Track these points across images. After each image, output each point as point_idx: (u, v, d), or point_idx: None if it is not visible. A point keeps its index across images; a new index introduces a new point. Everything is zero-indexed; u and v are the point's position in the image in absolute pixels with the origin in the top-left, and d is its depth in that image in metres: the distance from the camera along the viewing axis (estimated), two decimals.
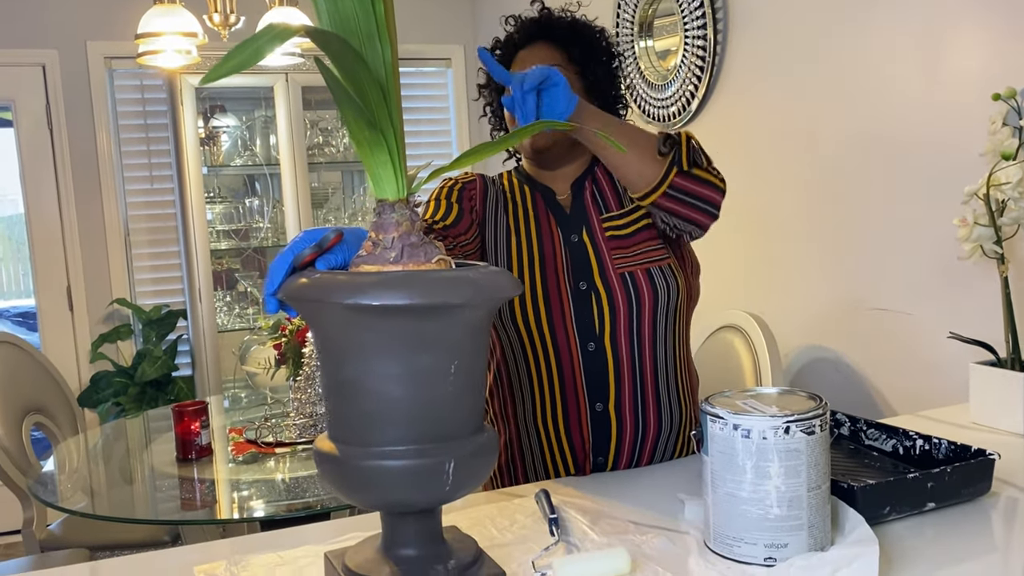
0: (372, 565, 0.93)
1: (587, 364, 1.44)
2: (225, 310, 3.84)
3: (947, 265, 1.93)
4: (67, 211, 3.75)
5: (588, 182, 1.53)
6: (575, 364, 1.44)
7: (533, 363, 1.47)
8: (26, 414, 2.57)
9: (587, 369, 1.44)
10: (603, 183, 1.53)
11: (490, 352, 1.52)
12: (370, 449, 0.89)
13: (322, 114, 3.93)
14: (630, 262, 1.45)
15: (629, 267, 1.44)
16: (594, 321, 1.44)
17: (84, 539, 2.43)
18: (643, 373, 1.45)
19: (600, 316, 1.44)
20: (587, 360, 1.44)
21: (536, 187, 1.55)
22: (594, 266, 1.45)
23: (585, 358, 1.44)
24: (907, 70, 2.02)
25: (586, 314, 1.44)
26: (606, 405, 1.45)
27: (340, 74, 0.81)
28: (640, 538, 1.12)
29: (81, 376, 3.79)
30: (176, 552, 1.22)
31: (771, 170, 2.48)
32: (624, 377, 1.45)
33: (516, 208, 1.53)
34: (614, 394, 1.45)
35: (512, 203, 1.54)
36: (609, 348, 1.44)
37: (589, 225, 1.49)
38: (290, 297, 0.90)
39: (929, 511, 1.15)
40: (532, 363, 1.47)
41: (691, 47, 2.68)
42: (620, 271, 1.44)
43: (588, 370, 1.44)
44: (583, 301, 1.44)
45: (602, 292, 1.44)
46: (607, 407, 1.45)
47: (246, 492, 1.99)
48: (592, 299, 1.44)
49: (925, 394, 2.00)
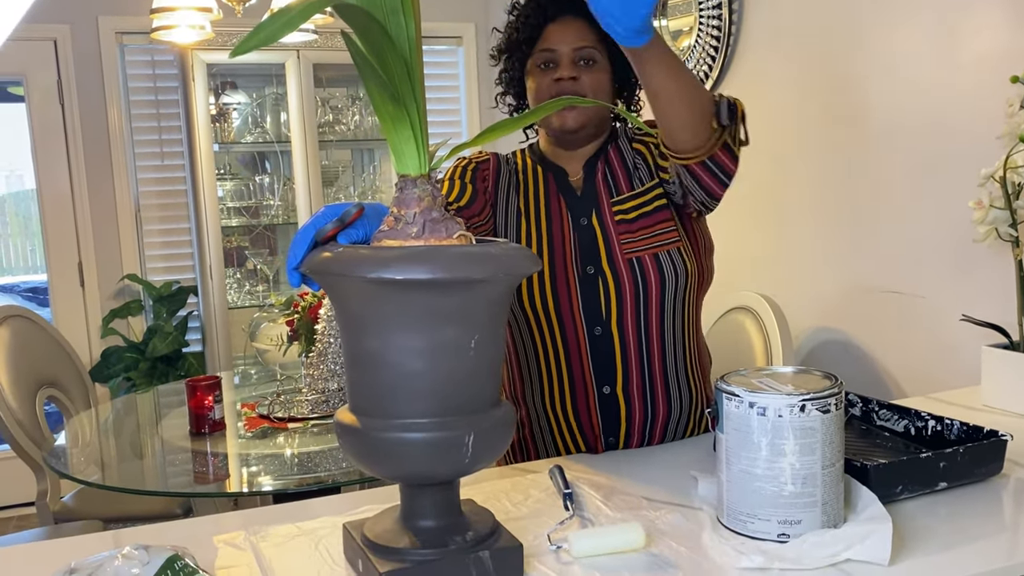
0: (391, 536, 0.95)
1: (594, 348, 1.44)
2: (235, 287, 3.85)
3: (961, 248, 1.93)
4: (78, 187, 3.76)
5: (601, 162, 1.50)
6: (582, 348, 1.44)
7: (540, 346, 1.47)
8: (39, 387, 2.59)
9: (594, 353, 1.44)
10: (615, 164, 1.50)
11: (507, 329, 1.52)
12: (391, 421, 0.90)
13: (333, 92, 3.92)
14: (638, 247, 1.43)
15: (637, 252, 1.43)
16: (600, 305, 1.43)
17: (97, 511, 2.46)
18: (651, 357, 1.45)
19: (607, 301, 1.43)
20: (594, 344, 1.44)
21: (549, 168, 1.53)
22: (602, 250, 1.44)
23: (592, 342, 1.44)
24: (924, 52, 2.01)
25: (593, 298, 1.43)
26: (614, 388, 1.44)
27: (365, 48, 0.81)
28: (654, 514, 1.13)
29: (92, 351, 3.82)
30: (194, 522, 1.24)
31: (785, 152, 2.47)
32: (631, 361, 1.44)
33: (527, 190, 1.52)
34: (621, 378, 1.44)
35: (524, 184, 1.53)
36: (616, 332, 1.43)
37: (599, 208, 1.47)
38: (313, 271, 0.91)
39: (941, 491, 1.16)
40: (539, 346, 1.47)
41: (705, 27, 2.67)
42: (628, 256, 1.42)
43: (595, 354, 1.44)
44: (590, 285, 1.43)
45: (609, 277, 1.42)
46: (615, 390, 1.44)
47: (258, 466, 2.01)
48: (599, 283, 1.43)
49: (936, 377, 2.00)
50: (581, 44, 1.44)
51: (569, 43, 1.43)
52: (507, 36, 1.51)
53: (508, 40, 1.50)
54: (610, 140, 1.53)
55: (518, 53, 1.49)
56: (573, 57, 1.44)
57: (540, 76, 1.46)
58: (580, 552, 1.00)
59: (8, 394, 2.40)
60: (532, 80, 1.48)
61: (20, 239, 6.94)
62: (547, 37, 1.46)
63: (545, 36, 1.46)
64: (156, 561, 0.81)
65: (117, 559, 0.82)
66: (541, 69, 1.46)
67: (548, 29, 1.46)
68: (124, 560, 0.82)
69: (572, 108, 1.43)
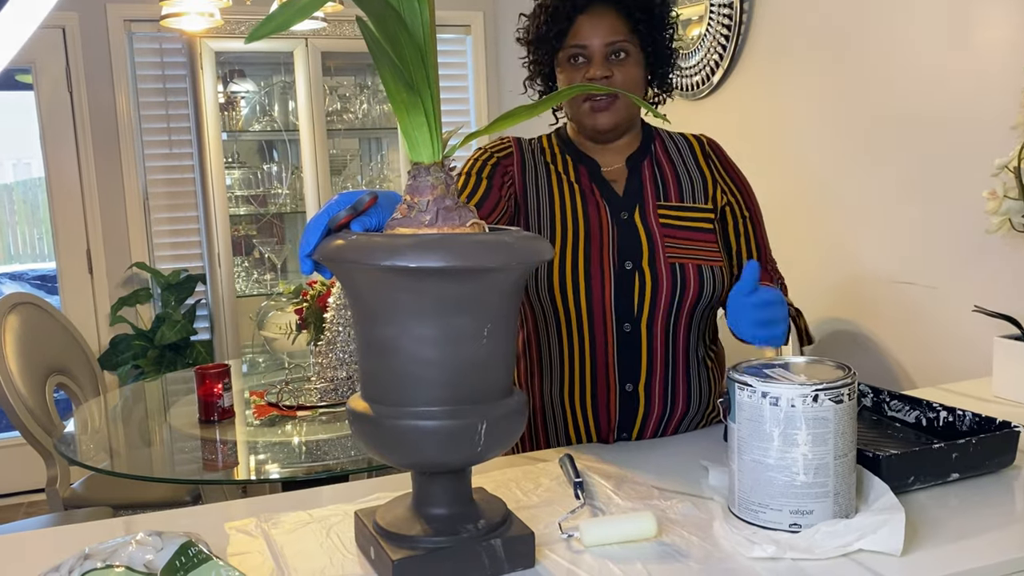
0: (403, 523, 0.95)
1: (621, 345, 1.42)
2: (243, 275, 3.86)
3: (973, 239, 1.92)
4: (87, 174, 3.77)
5: (648, 161, 1.47)
6: (609, 343, 1.42)
7: (566, 338, 1.45)
8: (49, 375, 2.60)
9: (620, 350, 1.42)
10: (664, 166, 1.48)
11: (520, 318, 1.52)
12: (403, 409, 0.90)
13: (341, 80, 3.92)
14: (683, 253, 1.41)
15: (680, 259, 1.41)
16: (634, 302, 1.41)
17: (107, 498, 2.47)
18: (675, 357, 1.44)
19: (641, 299, 1.40)
20: (621, 340, 1.42)
21: (580, 159, 1.49)
22: (644, 248, 1.41)
23: (620, 338, 1.42)
24: (937, 41, 2.00)
25: (627, 294, 1.40)
26: (636, 386, 1.43)
27: (380, 35, 0.81)
28: (665, 503, 1.13)
29: (100, 338, 3.83)
30: (205, 509, 1.24)
31: (796, 141, 2.46)
32: (657, 360, 1.43)
33: (560, 179, 1.48)
34: (645, 376, 1.43)
35: (555, 176, 1.48)
36: (645, 331, 1.41)
37: (643, 206, 1.44)
38: (326, 258, 0.90)
39: (953, 481, 1.16)
40: (565, 338, 1.45)
41: (716, 16, 2.65)
42: (671, 260, 1.40)
43: (621, 351, 1.42)
44: (626, 281, 1.40)
45: (647, 276, 1.40)
46: (637, 388, 1.43)
47: (267, 454, 2.01)
48: (636, 280, 1.40)
49: (947, 368, 2.00)
50: (613, 38, 1.40)
51: (601, 37, 1.39)
52: (535, 26, 1.45)
53: (537, 29, 1.45)
54: (651, 138, 1.50)
55: (547, 46, 1.44)
56: (605, 52, 1.40)
57: (571, 72, 1.42)
58: (591, 541, 1.00)
59: (18, 381, 2.41)
60: (563, 74, 1.44)
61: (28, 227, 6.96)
62: (577, 31, 1.41)
63: (575, 29, 1.41)
64: (170, 547, 0.82)
65: (131, 545, 0.82)
66: (572, 64, 1.42)
67: (579, 21, 1.41)
68: (138, 546, 0.82)
69: (605, 108, 1.41)
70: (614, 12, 1.40)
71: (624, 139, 1.48)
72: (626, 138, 1.48)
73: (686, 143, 1.53)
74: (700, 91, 2.78)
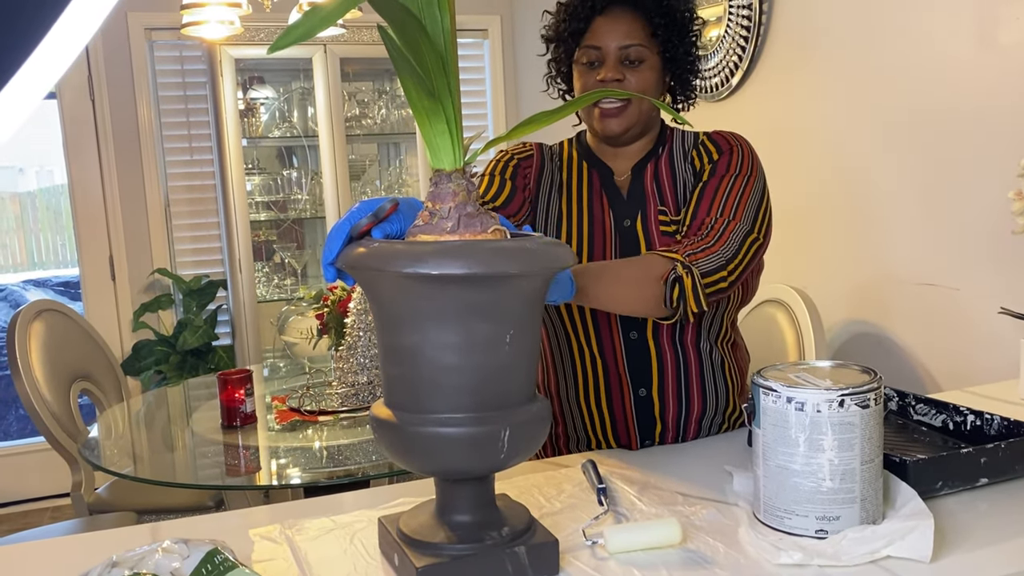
0: (427, 530, 0.95)
1: (629, 352, 1.42)
2: (264, 281, 3.88)
3: (998, 239, 1.89)
4: (109, 182, 3.80)
5: (651, 166, 1.45)
6: (618, 351, 1.42)
7: (576, 347, 1.45)
8: (73, 381, 2.63)
9: (629, 357, 1.42)
10: (663, 172, 1.45)
11: (543, 325, 1.50)
12: (427, 416, 0.90)
13: (359, 86, 3.93)
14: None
15: None
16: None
17: (130, 503, 2.49)
18: (687, 361, 1.43)
19: None
20: (629, 348, 1.42)
21: (594, 164, 1.48)
22: None
23: (628, 346, 1.42)
24: (961, 40, 1.98)
25: None
26: (650, 391, 1.42)
27: (401, 42, 0.81)
28: (689, 509, 1.12)
29: (123, 344, 3.86)
30: (229, 515, 1.25)
31: (817, 142, 2.44)
32: (667, 366, 1.42)
33: (571, 187, 1.47)
34: (657, 381, 1.42)
35: (568, 182, 1.48)
36: (651, 338, 1.41)
37: (645, 212, 1.42)
38: (349, 266, 0.91)
39: (981, 487, 1.14)
40: (575, 346, 1.45)
41: (736, 16, 2.64)
42: None
43: (631, 358, 1.42)
44: None
45: None
46: (651, 393, 1.43)
47: (289, 459, 2.02)
48: None
49: (972, 371, 1.97)
50: (628, 42, 1.37)
51: (616, 40, 1.37)
52: (555, 25, 1.45)
53: (556, 28, 1.44)
54: (662, 142, 1.47)
55: (564, 45, 1.43)
56: (619, 56, 1.38)
57: (585, 74, 1.41)
58: (616, 548, 0.99)
59: (44, 387, 2.44)
60: (577, 76, 1.43)
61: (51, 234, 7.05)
62: (594, 32, 1.39)
63: (592, 30, 1.39)
64: (196, 555, 0.82)
65: (158, 552, 0.82)
66: (585, 66, 1.41)
67: (596, 22, 1.39)
68: (164, 553, 0.82)
69: (615, 115, 1.39)
70: (632, 15, 1.38)
71: (638, 143, 1.46)
72: (641, 142, 1.46)
73: (693, 142, 1.47)
74: (720, 93, 2.76)
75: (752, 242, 1.35)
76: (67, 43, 0.41)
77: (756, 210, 1.36)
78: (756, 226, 1.36)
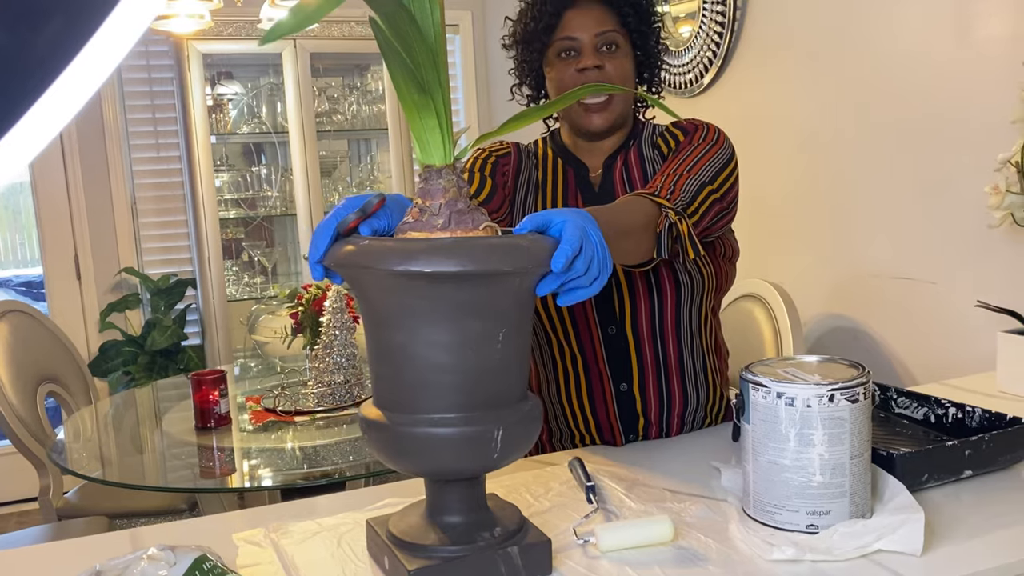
0: (418, 532, 0.93)
1: (608, 347, 1.41)
2: (233, 279, 3.82)
3: (975, 234, 1.92)
4: (73, 179, 3.72)
5: (620, 159, 1.45)
6: (597, 347, 1.42)
7: (556, 343, 1.45)
8: (40, 383, 2.57)
9: (609, 352, 1.41)
10: (633, 163, 1.45)
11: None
12: (418, 416, 0.88)
13: (329, 81, 3.89)
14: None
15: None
16: (614, 307, 1.40)
17: (100, 507, 2.44)
18: (667, 355, 1.42)
19: (620, 304, 1.39)
20: (608, 343, 1.41)
21: (570, 162, 1.48)
22: None
23: (606, 341, 1.41)
24: (938, 35, 1.99)
25: (606, 300, 1.39)
26: (630, 386, 1.42)
27: (392, 35, 0.79)
28: (678, 506, 1.12)
29: (90, 345, 3.79)
30: (211, 520, 1.22)
31: (793, 138, 2.45)
32: (647, 360, 1.42)
33: (546, 185, 1.47)
34: (637, 376, 1.42)
35: (543, 180, 1.48)
36: (630, 333, 1.40)
37: None
38: (337, 264, 0.89)
39: (966, 479, 1.15)
40: (555, 343, 1.45)
41: (710, 12, 2.64)
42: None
43: (610, 353, 1.41)
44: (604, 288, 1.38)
45: (623, 282, 1.38)
46: (631, 388, 1.42)
47: (265, 460, 1.99)
48: (613, 286, 1.39)
49: (948, 363, 2.00)
50: (603, 29, 1.38)
51: (590, 29, 1.38)
52: (523, 25, 1.44)
53: (524, 29, 1.43)
54: (633, 136, 1.47)
55: (536, 43, 1.42)
56: (595, 44, 1.38)
57: (562, 66, 1.40)
58: (608, 546, 0.98)
59: (9, 390, 2.38)
60: (553, 70, 1.42)
61: (11, 233, 6.88)
62: (566, 24, 1.39)
63: (564, 23, 1.39)
64: (184, 562, 0.80)
65: (143, 560, 0.80)
66: (562, 58, 1.40)
67: (567, 15, 1.39)
68: (150, 561, 0.80)
69: (599, 110, 1.39)
70: (601, 6, 1.39)
71: (612, 138, 1.46)
72: (614, 137, 1.46)
73: (661, 131, 1.47)
74: (693, 89, 2.77)
75: (709, 193, 1.30)
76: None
77: (719, 169, 1.34)
78: (718, 182, 1.32)
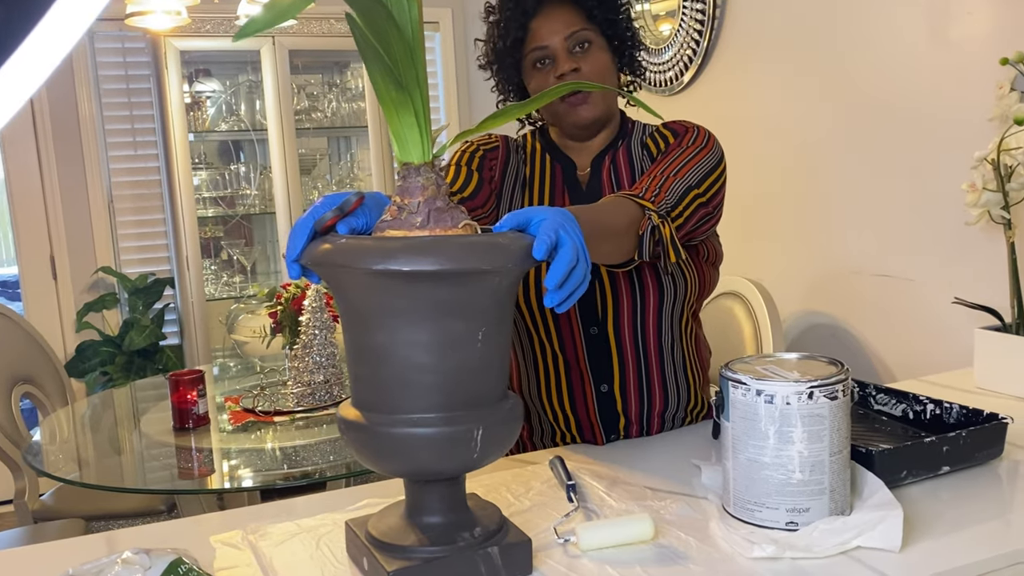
0: (397, 533, 0.93)
1: (590, 347, 1.41)
2: (212, 278, 3.79)
3: (952, 231, 1.93)
4: (48, 177, 3.68)
5: (608, 158, 1.44)
6: (578, 347, 1.41)
7: (538, 342, 1.44)
8: (15, 384, 2.53)
9: (590, 352, 1.41)
10: (621, 163, 1.44)
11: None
12: (397, 416, 0.88)
13: (308, 78, 3.86)
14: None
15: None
16: (597, 307, 1.39)
17: (77, 509, 2.41)
18: (648, 357, 1.42)
19: (603, 304, 1.39)
20: (590, 343, 1.41)
21: (558, 158, 1.47)
22: None
23: (588, 341, 1.41)
24: (913, 33, 2.01)
25: (589, 300, 1.39)
26: (611, 387, 1.42)
27: (369, 31, 0.78)
28: (659, 504, 1.11)
29: (66, 345, 3.75)
30: (188, 522, 1.21)
31: (772, 136, 2.46)
32: (628, 361, 1.41)
33: (534, 184, 1.46)
34: (618, 376, 1.41)
35: (530, 178, 1.46)
36: (612, 334, 1.40)
37: None
38: (314, 263, 0.88)
39: (943, 475, 1.16)
40: (536, 343, 1.44)
41: (689, 10, 2.65)
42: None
43: (591, 353, 1.41)
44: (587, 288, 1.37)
45: (606, 283, 1.38)
46: (612, 389, 1.42)
47: (244, 461, 1.97)
48: (596, 286, 1.38)
49: (926, 360, 2.01)
50: (571, 30, 1.36)
51: (559, 33, 1.36)
52: (492, 44, 1.42)
53: (494, 48, 1.41)
54: (622, 136, 1.46)
55: (509, 59, 1.41)
56: (567, 47, 1.37)
57: (539, 76, 1.39)
58: (589, 545, 0.98)
59: None
60: (532, 81, 1.41)
61: None
62: (534, 34, 1.37)
63: (532, 34, 1.37)
64: (159, 565, 0.79)
65: (117, 564, 0.79)
66: (538, 68, 1.39)
67: (533, 25, 1.37)
68: (124, 565, 0.79)
69: (584, 103, 1.37)
70: (566, 7, 1.38)
71: (600, 137, 1.45)
72: (602, 135, 1.45)
73: (651, 132, 1.47)
74: (674, 87, 2.77)
75: (695, 197, 1.30)
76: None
77: (707, 173, 1.34)
78: (704, 186, 1.32)
